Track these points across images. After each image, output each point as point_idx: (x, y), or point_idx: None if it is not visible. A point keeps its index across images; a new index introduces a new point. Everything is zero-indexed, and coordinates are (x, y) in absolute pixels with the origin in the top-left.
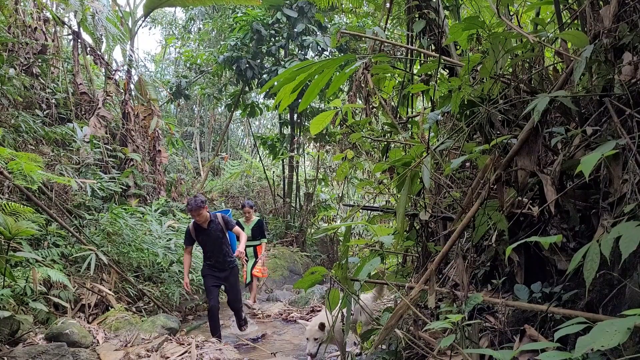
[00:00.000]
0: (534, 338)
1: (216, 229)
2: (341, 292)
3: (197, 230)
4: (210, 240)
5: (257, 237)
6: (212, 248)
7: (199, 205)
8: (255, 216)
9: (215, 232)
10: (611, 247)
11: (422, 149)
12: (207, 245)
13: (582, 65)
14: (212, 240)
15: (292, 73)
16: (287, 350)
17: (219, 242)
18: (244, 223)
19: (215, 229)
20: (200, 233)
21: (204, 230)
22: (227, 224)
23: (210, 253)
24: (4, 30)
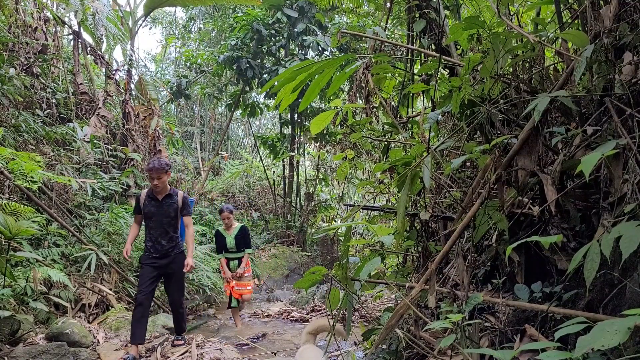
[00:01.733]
0: (534, 338)
1: (171, 206)
2: (341, 292)
3: (148, 200)
4: (158, 217)
5: (240, 248)
6: (157, 226)
7: (162, 167)
8: (238, 223)
9: (167, 209)
10: (611, 247)
11: (423, 149)
12: (152, 220)
13: (583, 65)
14: (160, 216)
15: (293, 73)
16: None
17: (167, 221)
18: (224, 232)
19: (169, 206)
20: (150, 204)
21: (155, 202)
22: (185, 206)
23: (152, 231)
24: (4, 30)
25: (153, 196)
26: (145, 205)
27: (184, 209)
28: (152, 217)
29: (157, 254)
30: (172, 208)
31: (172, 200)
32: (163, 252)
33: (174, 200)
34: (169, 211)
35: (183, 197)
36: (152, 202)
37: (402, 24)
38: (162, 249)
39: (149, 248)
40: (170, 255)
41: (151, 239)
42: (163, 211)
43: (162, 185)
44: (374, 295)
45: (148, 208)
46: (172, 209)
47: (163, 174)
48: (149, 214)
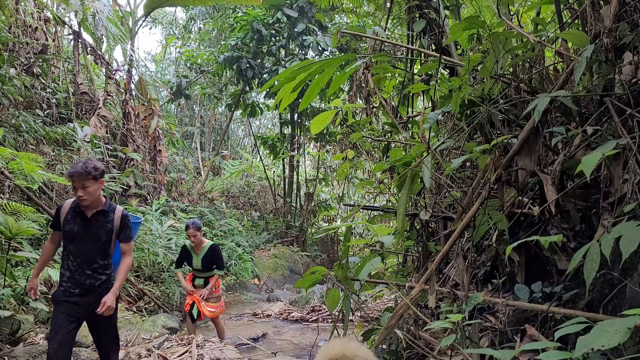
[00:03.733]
0: (534, 338)
1: (103, 227)
2: (341, 292)
3: (72, 215)
4: (84, 239)
5: (209, 269)
6: (81, 251)
7: (88, 171)
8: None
9: (98, 231)
10: (611, 247)
11: (423, 149)
12: (74, 243)
13: (583, 65)
14: (86, 239)
15: (293, 72)
16: (288, 350)
17: (95, 247)
18: (191, 249)
19: (100, 227)
20: (74, 221)
21: (82, 219)
22: (124, 229)
23: (73, 258)
24: (4, 30)
25: (80, 211)
26: (68, 222)
27: (122, 231)
28: (74, 239)
29: (77, 289)
30: (105, 229)
31: (107, 218)
32: (86, 287)
33: (109, 218)
34: (99, 233)
35: (122, 215)
36: (78, 218)
37: (402, 24)
38: (85, 283)
39: (66, 280)
40: (95, 292)
41: (70, 267)
42: (91, 233)
43: (90, 198)
44: (374, 295)
45: (70, 226)
46: (104, 231)
47: (89, 181)
48: (71, 234)
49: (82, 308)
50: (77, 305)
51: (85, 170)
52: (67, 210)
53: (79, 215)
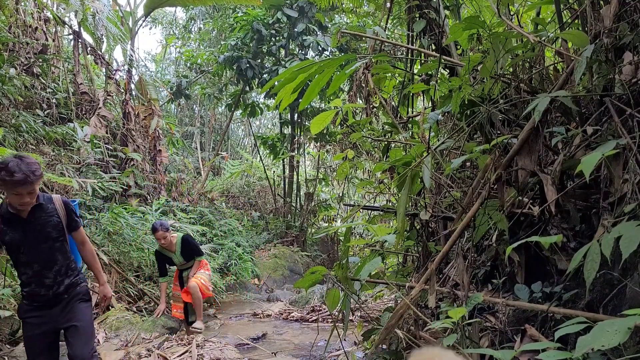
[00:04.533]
0: (534, 338)
1: (48, 221)
2: (341, 292)
3: (4, 223)
4: (31, 244)
5: (191, 258)
6: (33, 258)
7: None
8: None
9: (43, 227)
10: (612, 247)
11: (423, 149)
12: (22, 250)
13: (583, 65)
14: (34, 240)
15: (293, 73)
16: (288, 350)
17: (48, 247)
18: (165, 251)
19: (45, 222)
20: (11, 228)
21: (19, 223)
22: (70, 216)
23: (27, 269)
24: (4, 30)
25: (12, 214)
26: (4, 232)
27: (71, 220)
28: (19, 248)
29: (43, 300)
30: (51, 224)
31: (46, 211)
32: (50, 296)
33: (50, 211)
34: (46, 231)
35: (64, 202)
36: (14, 223)
37: (402, 24)
38: (47, 293)
39: (27, 295)
40: (64, 299)
41: (28, 280)
42: (37, 233)
43: (26, 198)
44: (374, 295)
45: (11, 235)
46: (51, 226)
47: (37, 183)
48: (14, 244)
49: (53, 320)
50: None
51: (33, 173)
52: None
53: (14, 220)
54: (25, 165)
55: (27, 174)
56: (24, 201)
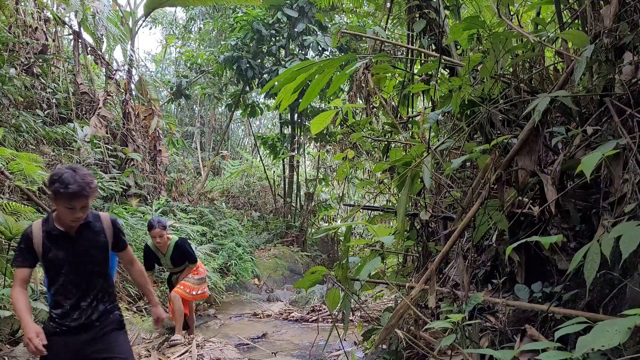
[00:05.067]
0: (534, 338)
1: (95, 242)
2: (341, 292)
3: (49, 239)
4: (76, 263)
5: (182, 263)
6: (73, 279)
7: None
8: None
9: (90, 248)
10: (612, 247)
11: (423, 149)
12: (63, 271)
13: (583, 65)
14: (79, 261)
15: (293, 73)
16: (288, 350)
17: (93, 268)
18: (156, 250)
19: (92, 242)
20: (57, 245)
21: (65, 239)
22: (118, 236)
23: (65, 291)
24: (4, 30)
25: (59, 231)
26: (48, 249)
27: (118, 239)
28: (61, 267)
29: (74, 325)
30: (98, 246)
31: (94, 230)
32: (85, 320)
33: (97, 230)
34: (92, 253)
35: (112, 220)
36: (60, 240)
37: (402, 24)
38: (83, 317)
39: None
40: (95, 327)
41: (62, 303)
42: (83, 254)
43: (79, 215)
44: (374, 296)
45: (55, 252)
46: (97, 248)
47: (92, 197)
48: (57, 263)
49: (81, 346)
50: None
51: (89, 185)
52: (41, 236)
53: (61, 237)
54: (80, 176)
55: (82, 185)
56: (76, 216)
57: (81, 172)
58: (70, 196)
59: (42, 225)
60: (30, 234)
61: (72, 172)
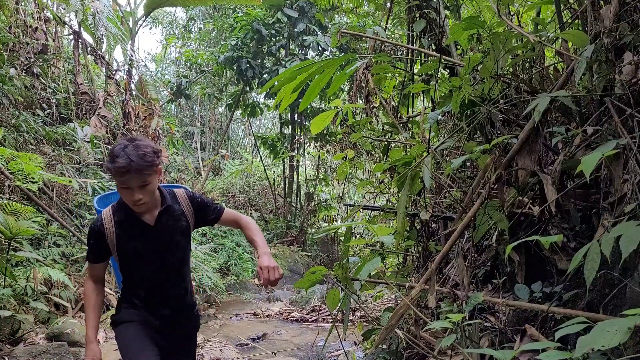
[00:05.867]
0: (534, 338)
1: (177, 227)
2: (341, 292)
3: (123, 228)
4: (157, 254)
5: None
6: (156, 273)
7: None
8: None
9: (172, 235)
10: (612, 247)
11: (423, 149)
12: (141, 263)
13: (583, 65)
14: (160, 252)
15: (293, 73)
16: (288, 350)
17: (176, 257)
18: None
19: (173, 228)
20: (133, 235)
21: (143, 229)
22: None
23: (145, 285)
24: (4, 30)
25: (134, 218)
26: (123, 241)
27: (207, 212)
28: (140, 260)
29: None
30: (180, 230)
31: (174, 214)
32: (175, 314)
33: (177, 212)
34: (175, 240)
35: (188, 197)
36: (136, 229)
37: (402, 24)
38: (173, 309)
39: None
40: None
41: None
42: (164, 244)
43: (151, 199)
44: (374, 296)
45: (131, 244)
46: (179, 234)
47: (151, 175)
48: (135, 256)
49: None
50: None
51: (143, 158)
52: (112, 225)
53: (138, 226)
54: (133, 147)
55: (132, 158)
56: (134, 198)
57: (137, 143)
58: (118, 172)
59: (112, 213)
60: (99, 225)
61: (127, 143)
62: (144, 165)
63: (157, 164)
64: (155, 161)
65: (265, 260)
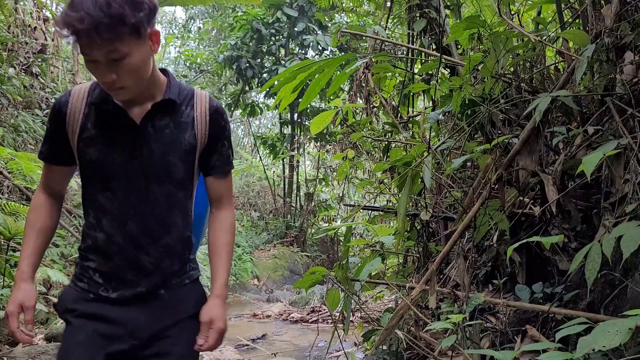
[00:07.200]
0: (535, 338)
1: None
2: (341, 292)
3: (97, 120)
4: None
5: None
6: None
7: (117, 15)
8: None
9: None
10: (613, 247)
11: (423, 149)
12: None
13: (584, 65)
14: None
15: (293, 72)
16: (288, 351)
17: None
18: None
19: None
20: (105, 133)
21: (123, 127)
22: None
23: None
24: (3, 29)
25: (115, 106)
26: (87, 136)
27: (221, 145)
28: (111, 179)
29: (120, 289)
30: (183, 143)
31: (181, 114)
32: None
33: (185, 117)
34: (166, 158)
35: (213, 107)
36: (112, 123)
37: (402, 23)
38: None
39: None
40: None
41: (104, 243)
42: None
43: (136, 83)
44: (375, 296)
45: (97, 145)
46: (178, 150)
47: (127, 42)
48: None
49: (127, 330)
50: (116, 325)
51: (110, 12)
52: (83, 110)
53: (115, 120)
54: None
55: (88, 10)
56: (105, 79)
57: None
58: (72, 33)
59: (88, 92)
60: (63, 102)
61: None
62: (109, 22)
63: (139, 22)
64: (133, 17)
65: (215, 310)
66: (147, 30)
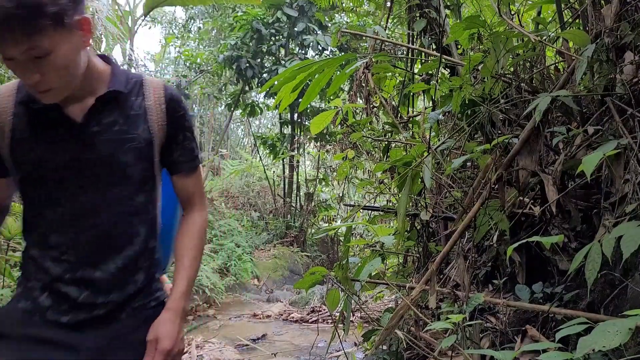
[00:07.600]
0: (535, 338)
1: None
2: (341, 292)
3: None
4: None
5: None
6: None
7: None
8: None
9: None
10: (613, 247)
11: (423, 149)
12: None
13: (584, 65)
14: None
15: (293, 72)
16: (288, 351)
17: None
18: None
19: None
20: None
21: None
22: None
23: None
24: None
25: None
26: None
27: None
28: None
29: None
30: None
31: (129, 107)
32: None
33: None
34: (117, 157)
35: (168, 94)
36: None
37: (402, 23)
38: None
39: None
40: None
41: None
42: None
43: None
44: (375, 296)
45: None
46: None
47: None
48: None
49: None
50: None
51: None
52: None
53: (52, 120)
54: None
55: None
56: (28, 81)
57: None
58: None
59: (16, 91)
60: None
61: None
62: (23, 13)
63: (62, 10)
64: (53, 5)
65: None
66: (73, 18)
